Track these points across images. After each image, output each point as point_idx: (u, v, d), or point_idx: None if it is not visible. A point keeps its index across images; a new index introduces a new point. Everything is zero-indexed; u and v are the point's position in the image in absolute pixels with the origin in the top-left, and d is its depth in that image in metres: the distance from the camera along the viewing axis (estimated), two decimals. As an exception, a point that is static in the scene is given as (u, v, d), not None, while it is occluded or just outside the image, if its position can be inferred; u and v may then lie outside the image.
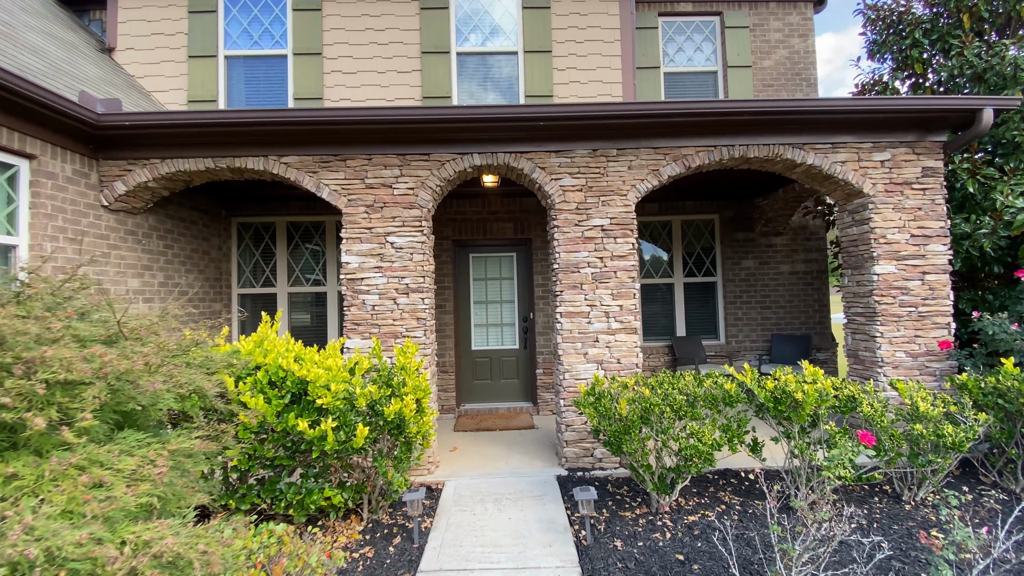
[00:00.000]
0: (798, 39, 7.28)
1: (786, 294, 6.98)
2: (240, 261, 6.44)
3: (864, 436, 3.04)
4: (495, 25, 6.54)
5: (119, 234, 4.59)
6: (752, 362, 6.85)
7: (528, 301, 6.41)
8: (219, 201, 6.20)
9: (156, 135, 4.20)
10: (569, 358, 4.32)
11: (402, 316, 4.32)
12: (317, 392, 2.92)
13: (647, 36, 7.07)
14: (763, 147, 4.49)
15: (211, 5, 6.40)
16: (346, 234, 4.37)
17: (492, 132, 4.27)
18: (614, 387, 3.46)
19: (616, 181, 4.40)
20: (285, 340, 3.27)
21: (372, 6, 6.49)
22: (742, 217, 6.94)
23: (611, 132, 4.35)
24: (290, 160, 4.37)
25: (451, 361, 6.24)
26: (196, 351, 2.60)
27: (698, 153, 4.46)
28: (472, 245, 6.49)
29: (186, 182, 4.67)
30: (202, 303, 5.83)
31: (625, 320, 4.33)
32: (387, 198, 4.37)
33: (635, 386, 3.49)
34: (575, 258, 4.36)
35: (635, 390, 3.35)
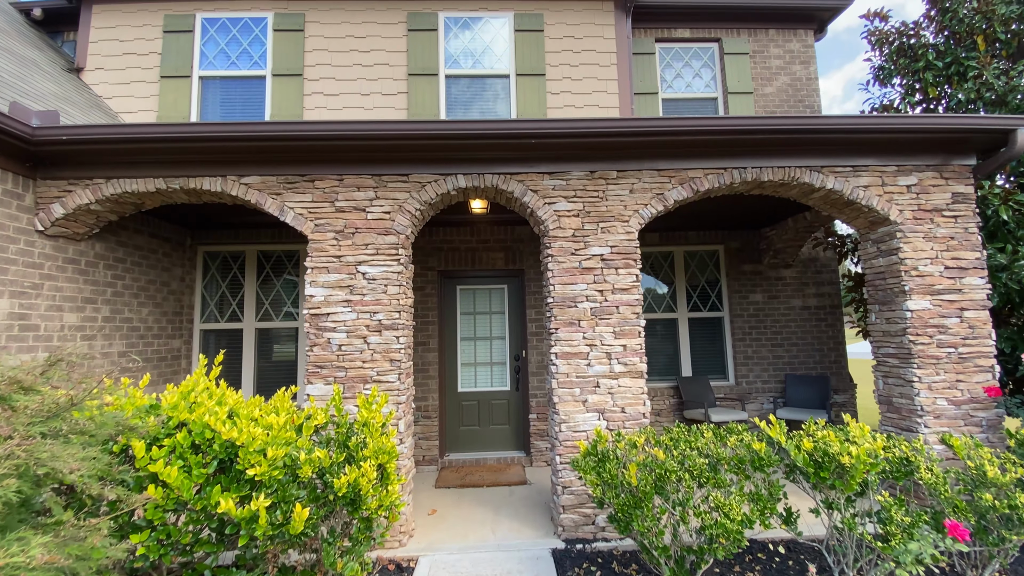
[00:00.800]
0: (799, 66, 7.04)
1: (798, 330, 6.46)
2: (205, 293, 5.89)
3: (954, 528, 2.45)
4: (486, 47, 6.25)
5: (56, 263, 4.05)
6: (766, 405, 6.27)
7: (521, 338, 5.86)
8: (184, 228, 5.70)
9: (99, 151, 3.72)
10: (566, 406, 3.74)
11: (373, 357, 3.75)
12: (249, 459, 2.33)
13: (644, 62, 6.80)
14: (778, 170, 4.07)
15: (188, 25, 6.08)
16: (311, 263, 3.85)
17: (479, 150, 3.82)
18: (620, 446, 2.88)
19: (617, 206, 3.94)
20: (222, 390, 2.70)
21: (358, 27, 6.20)
22: (749, 248, 6.50)
23: (610, 152, 3.92)
24: (251, 180, 3.90)
25: (434, 405, 5.62)
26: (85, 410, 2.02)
27: (707, 176, 4.02)
28: (460, 276, 5.98)
29: (136, 205, 4.17)
30: (157, 340, 5.24)
31: (629, 362, 3.77)
32: (359, 223, 3.87)
33: (645, 445, 2.91)
34: (572, 291, 3.84)
35: (646, 451, 2.77)
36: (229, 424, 2.45)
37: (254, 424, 2.50)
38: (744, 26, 6.95)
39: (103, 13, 6.01)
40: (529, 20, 6.25)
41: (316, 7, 6.19)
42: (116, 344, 4.67)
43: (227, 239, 5.88)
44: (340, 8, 6.21)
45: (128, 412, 2.43)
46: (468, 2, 6.25)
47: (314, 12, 6.19)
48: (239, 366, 5.83)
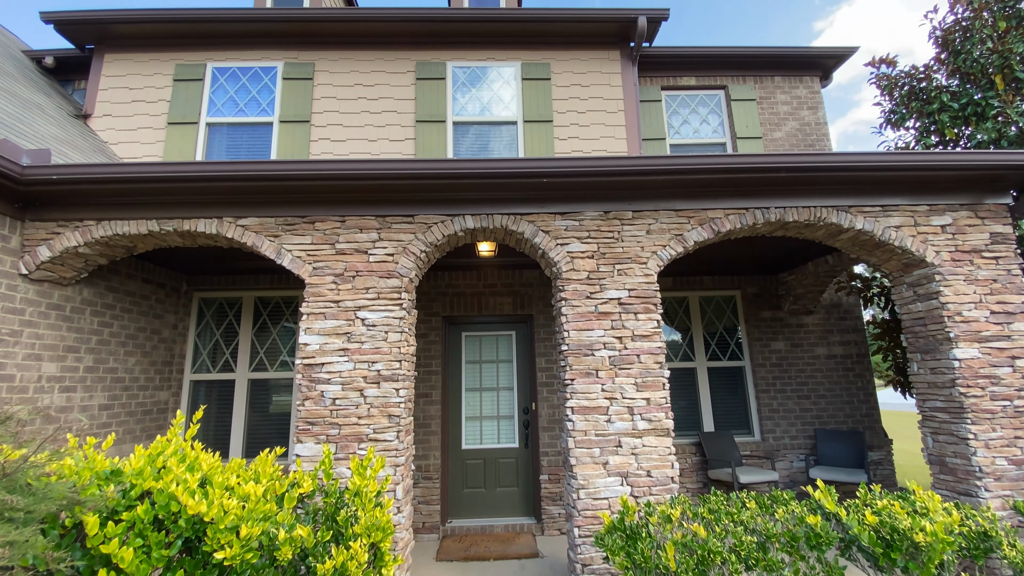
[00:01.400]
0: (807, 111, 7.02)
1: (825, 381, 6.06)
2: (198, 342, 5.60)
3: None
4: (494, 95, 6.26)
5: (39, 308, 3.81)
6: (796, 463, 5.78)
7: (530, 389, 5.49)
8: (179, 273, 5.50)
9: (90, 192, 3.56)
10: (584, 469, 3.35)
11: (370, 412, 3.41)
12: (219, 538, 1.96)
13: (651, 109, 6.80)
14: (803, 210, 3.85)
15: (199, 74, 6.15)
16: (307, 308, 3.58)
17: (488, 190, 3.64)
18: (653, 520, 2.48)
19: (633, 247, 3.70)
20: (196, 452, 2.36)
21: (366, 76, 6.25)
22: (767, 294, 6.21)
23: (625, 191, 3.73)
24: (248, 222, 3.70)
25: (436, 464, 5.17)
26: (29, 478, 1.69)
27: (727, 216, 3.81)
28: (465, 322, 5.69)
29: (128, 248, 3.98)
30: (143, 392, 4.91)
31: (654, 418, 3.41)
32: (360, 265, 3.64)
33: (682, 520, 2.51)
34: (588, 338, 3.54)
35: (684, 527, 2.37)
36: (200, 494, 2.10)
37: (228, 494, 2.14)
38: (749, 74, 7.00)
39: (115, 62, 6.10)
40: (536, 69, 6.29)
41: (326, 57, 6.28)
42: (97, 396, 4.35)
43: (224, 285, 5.66)
44: (350, 58, 6.29)
45: (85, 478, 2.10)
46: (476, 52, 6.33)
47: (324, 62, 6.27)
48: (229, 420, 5.45)
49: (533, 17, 6.10)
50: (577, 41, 6.34)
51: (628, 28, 6.21)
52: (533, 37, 6.30)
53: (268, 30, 6.15)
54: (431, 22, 6.13)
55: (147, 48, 6.18)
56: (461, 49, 6.34)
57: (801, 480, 5.75)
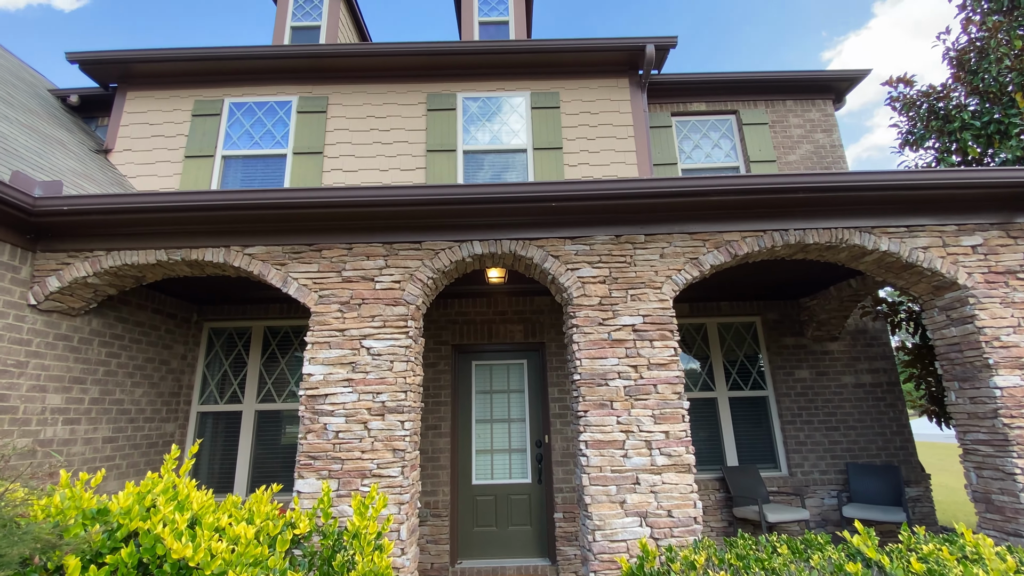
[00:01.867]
0: (822, 134, 6.93)
1: (854, 412, 5.75)
2: (206, 373, 5.55)
3: None
4: (503, 124, 6.30)
5: (46, 339, 3.79)
6: (828, 500, 5.42)
7: (542, 420, 5.29)
8: (190, 303, 5.50)
9: (100, 222, 3.58)
10: (599, 508, 3.14)
11: (373, 446, 3.27)
12: (204, 585, 1.82)
13: (661, 134, 6.78)
14: (824, 231, 3.71)
15: (216, 109, 6.31)
16: (312, 338, 3.50)
17: (496, 215, 3.58)
18: (676, 568, 2.27)
19: (647, 271, 3.58)
20: (188, 490, 2.24)
21: (378, 108, 6.35)
22: (788, 320, 5.99)
23: (637, 214, 3.63)
24: (255, 251, 3.68)
25: (445, 501, 4.96)
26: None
27: (744, 239, 3.67)
28: (475, 351, 5.56)
29: (136, 278, 3.97)
30: (149, 424, 4.83)
31: (674, 453, 3.21)
32: (367, 293, 3.57)
33: (707, 566, 2.30)
34: (601, 367, 3.38)
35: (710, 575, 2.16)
36: (187, 536, 1.97)
37: (218, 536, 2.01)
38: (760, 98, 6.96)
39: (136, 99, 6.30)
40: (545, 98, 6.34)
41: (339, 90, 6.41)
42: (102, 429, 4.28)
43: (234, 314, 5.64)
44: (362, 91, 6.42)
45: (70, 517, 1.99)
46: (486, 82, 6.41)
47: (337, 95, 6.40)
48: (235, 453, 5.34)
49: (542, 48, 6.19)
50: (586, 70, 6.40)
51: (636, 56, 6.25)
52: (542, 67, 6.37)
53: (284, 66, 6.32)
54: (442, 55, 6.25)
55: (167, 85, 6.39)
56: (471, 80, 6.43)
57: (834, 519, 5.39)
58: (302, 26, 7.46)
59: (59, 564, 1.85)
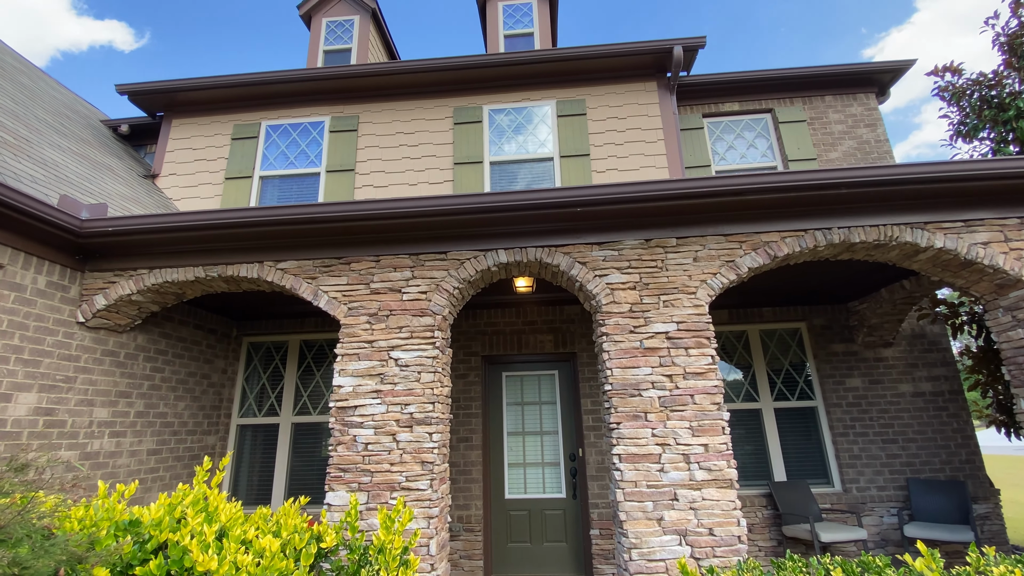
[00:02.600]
0: (865, 129, 6.59)
1: (913, 423, 5.34)
2: (245, 386, 5.70)
3: None
4: (530, 134, 6.28)
5: (94, 355, 3.97)
6: (887, 519, 5.03)
7: (575, 433, 5.15)
8: (230, 319, 5.68)
9: (142, 242, 3.74)
10: (635, 525, 2.98)
11: (402, 459, 3.24)
12: (229, 599, 1.81)
13: (693, 136, 6.60)
14: (871, 229, 3.47)
15: (253, 132, 6.57)
16: (342, 349, 3.52)
17: (520, 223, 3.52)
18: (717, 591, 2.11)
19: (679, 276, 3.43)
20: (216, 502, 2.25)
21: (407, 124, 6.46)
22: (837, 325, 5.65)
23: (667, 217, 3.50)
24: (287, 266, 3.75)
25: (478, 515, 4.87)
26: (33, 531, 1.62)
27: (784, 240, 3.48)
28: (505, 362, 5.49)
29: (177, 295, 4.12)
30: (191, 436, 4.98)
31: (715, 467, 3.03)
32: (394, 304, 3.57)
33: (752, 589, 2.13)
34: (633, 376, 3.25)
35: (756, 600, 1.99)
36: (214, 548, 1.97)
37: (244, 549, 2.01)
38: (797, 95, 6.70)
39: (181, 126, 6.64)
40: (571, 106, 6.29)
41: (369, 108, 6.56)
42: (146, 441, 4.43)
43: (272, 329, 5.78)
44: (391, 108, 6.55)
45: (103, 529, 2.03)
46: (512, 93, 6.43)
47: (367, 113, 6.55)
48: (272, 465, 5.43)
49: (566, 56, 6.16)
50: (612, 75, 6.32)
51: (664, 59, 6.14)
52: (567, 75, 6.34)
53: (316, 88, 6.53)
54: (467, 69, 6.31)
55: (208, 112, 6.70)
56: (497, 92, 6.46)
57: (894, 539, 4.98)
58: (334, 49, 7.72)
59: None
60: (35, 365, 3.48)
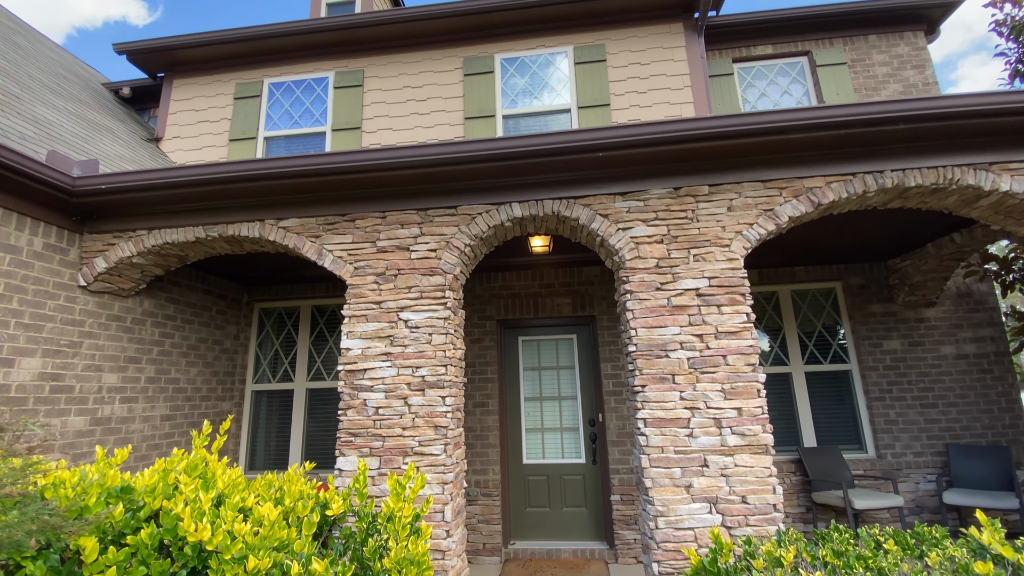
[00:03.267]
0: (912, 71, 6.02)
1: (955, 386, 5.03)
2: (259, 352, 5.62)
3: None
4: (545, 84, 5.88)
5: (99, 320, 3.87)
6: (924, 485, 4.80)
7: (595, 398, 4.97)
8: (240, 285, 5.55)
9: (139, 200, 3.56)
10: (662, 492, 2.80)
11: (414, 423, 3.08)
12: (223, 570, 1.67)
13: (722, 83, 6.12)
14: (928, 171, 3.10)
15: (256, 91, 6.29)
16: (349, 311, 3.34)
17: (536, 172, 3.24)
18: (758, 565, 1.91)
19: (712, 227, 3.13)
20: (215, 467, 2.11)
21: (414, 78, 6.10)
22: (875, 284, 5.29)
23: (699, 162, 3.18)
24: (290, 223, 3.55)
25: (496, 480, 4.78)
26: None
27: (830, 185, 3.14)
28: (521, 326, 5.29)
29: (180, 257, 3.97)
30: (205, 402, 4.94)
31: (748, 432, 2.80)
32: (402, 263, 3.35)
33: (796, 564, 1.92)
34: (660, 336, 3.01)
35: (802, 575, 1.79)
36: (211, 515, 1.83)
37: (242, 517, 1.86)
38: (837, 35, 6.12)
39: (182, 86, 6.39)
40: (590, 52, 5.84)
41: (375, 62, 6.21)
42: (159, 407, 4.38)
43: (283, 294, 5.65)
44: (397, 61, 6.18)
45: (92, 496, 1.90)
46: (524, 40, 6.00)
47: (373, 67, 6.20)
48: (288, 431, 5.40)
49: (584, -4, 5.68)
50: (634, 17, 5.83)
51: (691, -4, 5.62)
52: (585, 18, 5.87)
53: (318, 40, 6.18)
54: (477, 14, 5.88)
55: (210, 71, 6.42)
56: (508, 39, 6.03)
57: (930, 505, 4.76)
58: (337, 2, 7.33)
59: (74, 546, 1.74)
60: (37, 330, 3.38)
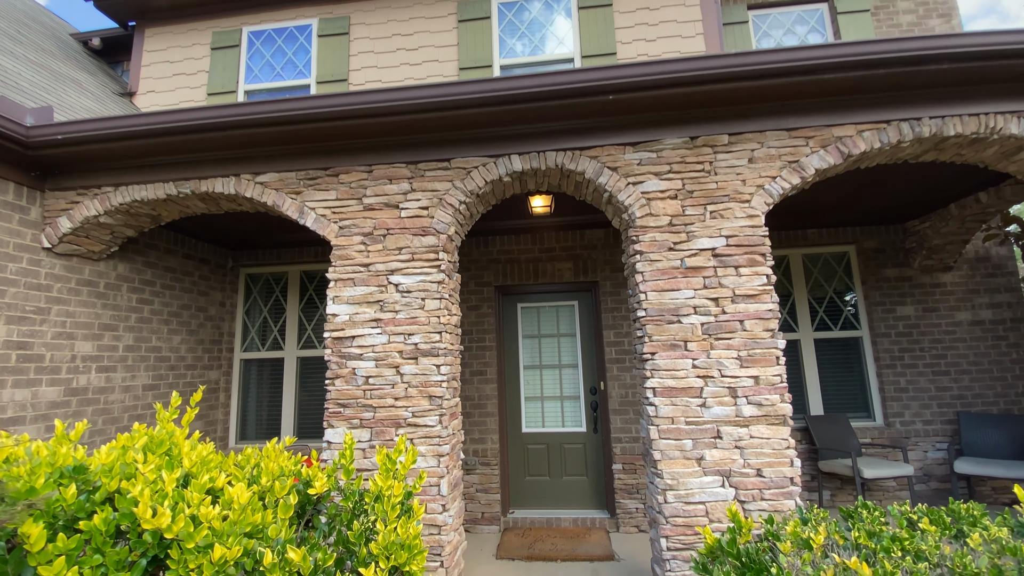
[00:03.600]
0: (938, 20, 5.61)
1: (969, 353, 4.86)
2: (246, 320, 5.39)
3: None
4: (545, 32, 5.45)
5: (68, 285, 3.61)
6: (933, 453, 4.69)
7: (596, 366, 4.78)
8: (224, 249, 5.27)
9: (102, 152, 3.24)
10: (672, 465, 2.63)
11: (408, 393, 2.88)
12: (187, 560, 1.48)
13: (736, 32, 5.71)
14: (969, 119, 2.81)
15: (234, 40, 5.83)
16: (334, 274, 3.09)
17: (538, 120, 2.93)
18: (786, 549, 1.73)
19: (731, 181, 2.86)
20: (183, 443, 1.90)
21: (404, 24, 5.65)
22: (891, 248, 5.05)
23: (718, 108, 2.87)
24: (268, 179, 3.25)
25: (494, 449, 4.64)
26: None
27: (861, 134, 2.85)
28: (521, 292, 5.06)
29: (152, 217, 3.68)
30: (191, 371, 4.74)
31: (766, 401, 2.61)
32: (391, 222, 3.08)
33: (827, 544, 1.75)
34: (672, 300, 2.77)
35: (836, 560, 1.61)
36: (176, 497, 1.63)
37: (210, 500, 1.66)
38: (861, -22, 5.66)
39: (155, 36, 5.92)
40: (594, -4, 5.39)
41: (361, 8, 5.74)
42: (140, 376, 4.18)
43: (270, 259, 5.38)
44: (386, 6, 5.71)
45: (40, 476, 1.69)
46: (524, -17, 5.53)
47: (359, 14, 5.74)
48: (279, 400, 5.23)
49: (589, -68, 5.19)
50: (642, -44, 5.35)
51: (705, -68, 5.14)
52: (590, -43, 5.39)
53: (300, -17, 5.69)
54: (472, -47, 5.39)
55: (184, 18, 5.94)
56: (507, -18, 5.56)
57: (938, 474, 4.67)
58: (320, -58, 6.75)
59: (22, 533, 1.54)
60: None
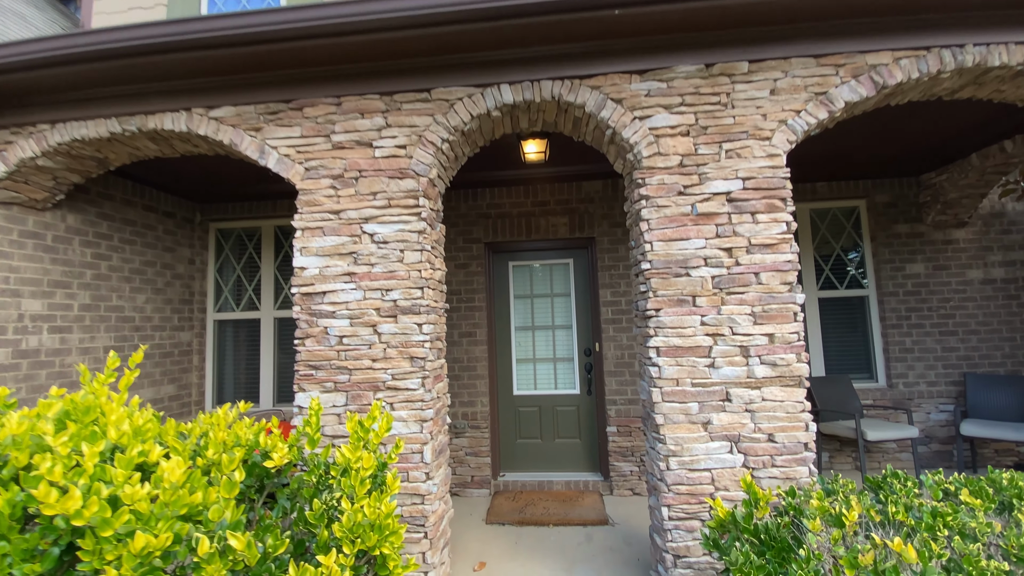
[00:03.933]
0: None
1: (978, 313, 4.68)
2: (219, 278, 5.05)
3: None
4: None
5: (9, 236, 3.24)
6: (936, 415, 4.57)
7: (591, 327, 4.54)
8: (191, 202, 4.87)
9: (31, 83, 2.82)
10: (675, 430, 2.40)
11: (386, 354, 2.61)
12: (102, 550, 1.22)
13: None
14: (1017, 47, 2.48)
15: (193, -35, 5.22)
16: (300, 222, 2.75)
17: (532, 42, 2.54)
18: (813, 527, 1.51)
19: (750, 115, 2.52)
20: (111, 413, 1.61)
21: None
22: (903, 202, 4.77)
23: (737, 29, 2.50)
24: (223, 113, 2.85)
25: (484, 412, 4.44)
26: None
27: (898, 62, 2.50)
28: (512, 249, 4.74)
29: (99, 160, 3.27)
30: (159, 332, 4.43)
31: (781, 361, 2.37)
32: (364, 163, 2.73)
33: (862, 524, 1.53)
34: (681, 252, 2.49)
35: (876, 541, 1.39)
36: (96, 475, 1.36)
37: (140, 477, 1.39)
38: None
39: (102, -40, 5.29)
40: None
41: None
42: (100, 338, 3.87)
43: (241, 213, 4.99)
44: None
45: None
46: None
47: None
48: (257, 363, 4.96)
49: None
50: None
51: None
52: None
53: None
54: None
55: (135, -59, 5.30)
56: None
57: (941, 436, 4.56)
58: None
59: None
60: (-80, 245, 2.76)
